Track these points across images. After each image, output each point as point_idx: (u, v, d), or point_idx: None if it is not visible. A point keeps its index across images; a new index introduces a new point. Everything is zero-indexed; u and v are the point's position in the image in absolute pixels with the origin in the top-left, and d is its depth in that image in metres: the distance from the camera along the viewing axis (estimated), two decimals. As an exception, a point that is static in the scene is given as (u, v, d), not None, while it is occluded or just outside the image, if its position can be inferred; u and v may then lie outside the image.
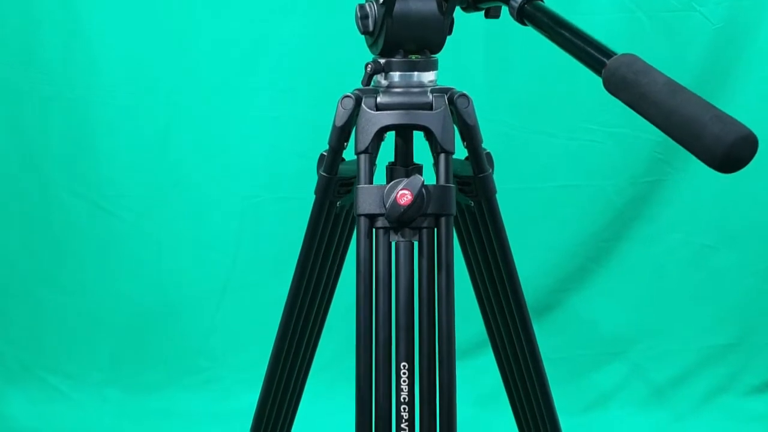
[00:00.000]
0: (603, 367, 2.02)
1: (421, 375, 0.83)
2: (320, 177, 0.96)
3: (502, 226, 0.99)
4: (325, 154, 0.96)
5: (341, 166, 0.97)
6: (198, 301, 2.01)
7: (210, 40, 1.90)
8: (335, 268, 1.12)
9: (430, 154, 0.88)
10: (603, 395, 2.01)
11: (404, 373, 0.83)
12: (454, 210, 0.85)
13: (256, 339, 1.85)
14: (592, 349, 2.03)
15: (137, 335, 2.01)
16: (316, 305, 1.13)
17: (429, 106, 0.85)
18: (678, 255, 1.99)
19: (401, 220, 0.82)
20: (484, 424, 1.93)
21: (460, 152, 0.96)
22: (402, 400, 0.82)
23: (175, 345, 2.01)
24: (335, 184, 0.96)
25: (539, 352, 1.19)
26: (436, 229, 0.84)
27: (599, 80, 0.65)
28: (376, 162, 0.91)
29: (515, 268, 1.07)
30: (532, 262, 1.90)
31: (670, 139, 0.57)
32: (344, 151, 0.95)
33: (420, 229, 0.84)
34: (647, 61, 0.63)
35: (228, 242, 1.98)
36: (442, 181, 0.85)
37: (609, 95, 0.63)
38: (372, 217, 0.84)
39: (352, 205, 1.01)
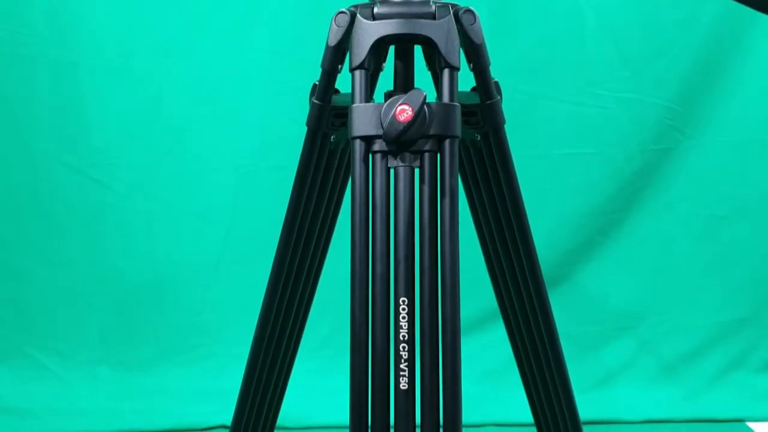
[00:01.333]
0: (611, 343, 1.95)
1: (422, 311, 0.76)
2: (312, 105, 0.88)
3: (512, 162, 0.92)
4: (317, 83, 0.89)
5: (337, 97, 0.90)
6: (191, 275, 1.93)
7: (204, 1, 1.82)
8: (329, 217, 1.05)
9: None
10: (611, 372, 1.94)
11: (404, 309, 0.76)
12: (459, 131, 0.77)
13: (251, 314, 1.73)
14: (600, 324, 1.96)
15: (128, 311, 1.94)
16: (309, 260, 1.05)
17: (432, 16, 0.77)
18: (688, 226, 1.92)
19: (401, 141, 0.74)
20: (489, 401, 1.86)
21: (464, 83, 0.89)
22: (401, 338, 0.75)
23: (167, 321, 1.94)
24: (329, 114, 0.88)
25: (553, 316, 1.12)
26: (439, 154, 0.77)
27: (608, 42, 0.57)
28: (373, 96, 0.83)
29: (526, 216, 1.00)
30: (536, 234, 1.81)
31: (680, 105, 0.52)
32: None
33: (421, 152, 0.76)
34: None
35: (222, 213, 1.91)
36: (446, 99, 0.77)
37: (618, 59, 0.56)
38: (368, 140, 0.77)
39: (348, 143, 0.94)
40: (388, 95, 0.87)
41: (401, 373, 0.75)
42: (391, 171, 0.77)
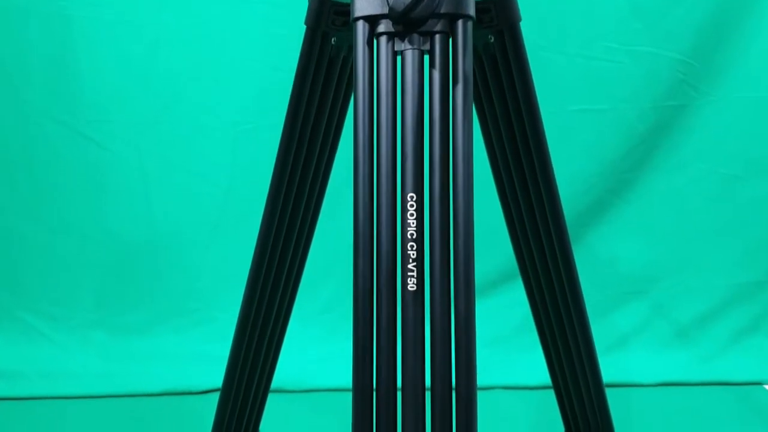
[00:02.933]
0: (623, 307, 1.89)
1: (432, 208, 0.69)
2: (311, 1, 0.82)
3: (528, 67, 0.85)
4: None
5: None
6: (188, 237, 1.87)
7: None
8: (330, 141, 0.99)
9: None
10: (623, 337, 1.87)
11: (412, 206, 0.69)
12: (473, 11, 0.71)
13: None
14: (612, 288, 1.89)
15: (123, 274, 1.88)
16: (306, 191, 0.99)
17: None
18: (703, 186, 1.85)
19: (408, 20, 0.68)
20: (496, 366, 1.80)
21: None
22: (409, 237, 0.68)
23: (163, 284, 1.88)
24: (329, 11, 0.82)
25: (575, 264, 1.06)
26: (450, 36, 0.70)
27: None
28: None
29: (544, 135, 0.93)
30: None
31: (694, 59, 0.47)
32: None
33: (431, 34, 0.70)
34: None
35: (220, 173, 1.85)
36: (458, -25, 0.71)
37: (629, 10, 0.49)
38: (372, 20, 0.70)
39: (351, 48, 0.88)
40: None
41: (409, 273, 0.68)
42: (398, 56, 0.70)
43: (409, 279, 0.68)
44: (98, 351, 1.84)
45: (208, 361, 1.79)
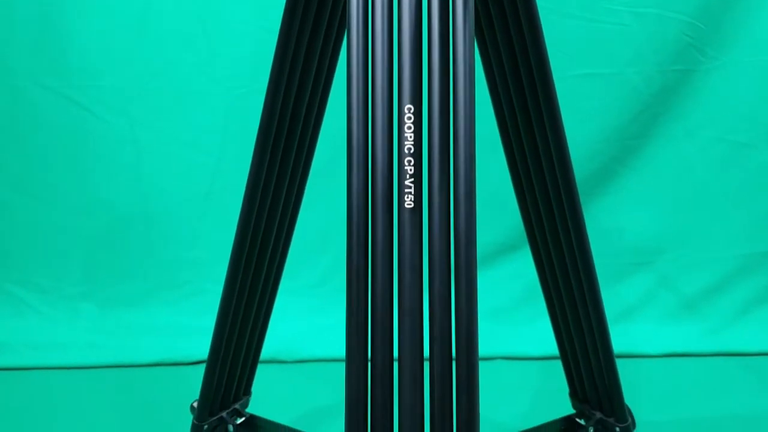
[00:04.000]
0: (628, 279, 1.83)
1: (431, 120, 0.64)
2: None
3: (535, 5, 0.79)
4: None
5: None
6: (180, 207, 1.82)
7: None
8: (320, 88, 0.93)
9: None
10: (628, 308, 1.82)
11: (409, 119, 0.64)
12: None
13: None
14: (616, 258, 1.84)
15: (113, 244, 1.83)
16: (295, 144, 0.93)
17: None
18: (710, 154, 1.79)
19: None
20: (497, 337, 1.74)
21: None
22: (406, 152, 0.63)
23: (154, 255, 1.83)
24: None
25: (585, 227, 1.01)
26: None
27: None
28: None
29: (553, 85, 0.88)
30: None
31: (702, 22, 0.44)
32: None
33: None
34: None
35: (213, 140, 1.79)
36: None
37: None
38: None
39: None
40: None
41: (406, 190, 0.63)
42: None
43: (406, 196, 0.63)
44: (87, 323, 1.80)
45: (200, 333, 1.73)
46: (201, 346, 1.70)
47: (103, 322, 1.79)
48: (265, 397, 1.29)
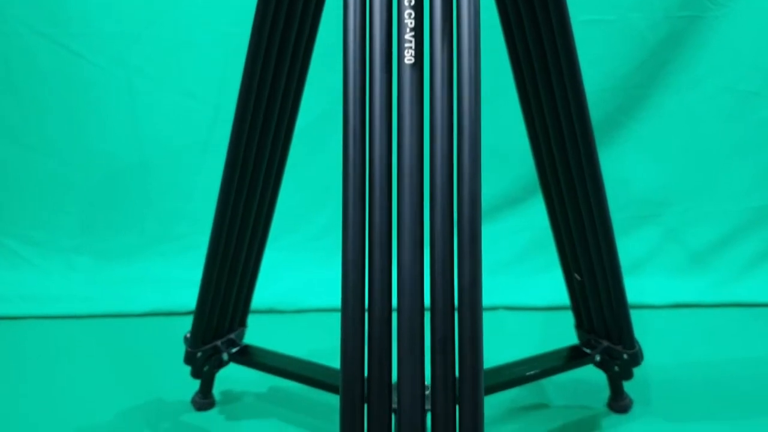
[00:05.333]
0: (634, 232, 1.79)
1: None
2: None
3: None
4: None
5: None
6: (177, 158, 1.79)
7: None
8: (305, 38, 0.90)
9: None
10: (634, 262, 1.78)
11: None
12: None
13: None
14: (622, 212, 1.79)
15: (109, 197, 1.80)
16: (280, 92, 0.91)
17: None
18: (717, 104, 1.75)
19: None
20: (500, 289, 1.71)
21: None
22: (407, 4, 0.59)
23: (151, 207, 1.80)
24: None
25: (601, 173, 0.99)
26: None
27: None
28: None
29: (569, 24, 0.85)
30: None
31: None
32: None
33: None
34: None
35: (210, 89, 1.76)
36: None
37: None
38: None
39: None
40: None
41: (406, 44, 0.59)
42: None
43: (406, 51, 0.59)
44: (82, 276, 1.77)
45: (196, 286, 1.70)
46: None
47: (99, 275, 1.76)
48: (262, 345, 1.27)
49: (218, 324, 1.16)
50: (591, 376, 1.28)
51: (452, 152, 0.60)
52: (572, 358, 1.16)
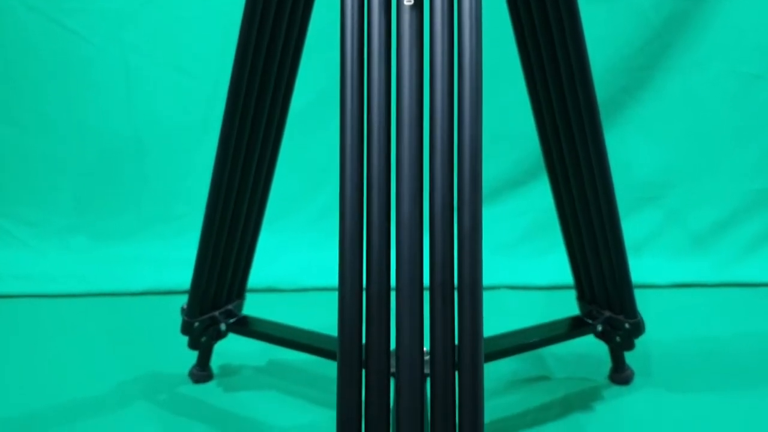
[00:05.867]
0: (635, 214, 1.77)
1: None
2: None
3: None
4: None
5: None
6: (174, 136, 1.77)
7: None
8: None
9: None
10: (635, 244, 1.76)
11: None
12: None
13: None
14: (624, 193, 1.75)
15: (105, 176, 1.78)
16: (275, 67, 0.89)
17: None
18: (721, 86, 1.74)
19: None
20: (502, 269, 1.69)
21: None
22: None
23: (147, 187, 1.79)
24: None
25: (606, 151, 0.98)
26: None
27: None
28: None
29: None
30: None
31: None
32: None
33: None
34: None
35: (208, 66, 1.74)
36: None
37: None
38: None
39: None
40: None
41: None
42: None
43: (406, -9, 0.57)
44: (78, 256, 1.74)
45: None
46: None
47: (94, 255, 1.74)
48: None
49: (216, 294, 1.14)
50: (592, 350, 1.26)
51: (453, 96, 0.58)
52: (574, 327, 1.14)
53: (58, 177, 1.77)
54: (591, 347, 1.27)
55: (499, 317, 1.50)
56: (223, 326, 1.15)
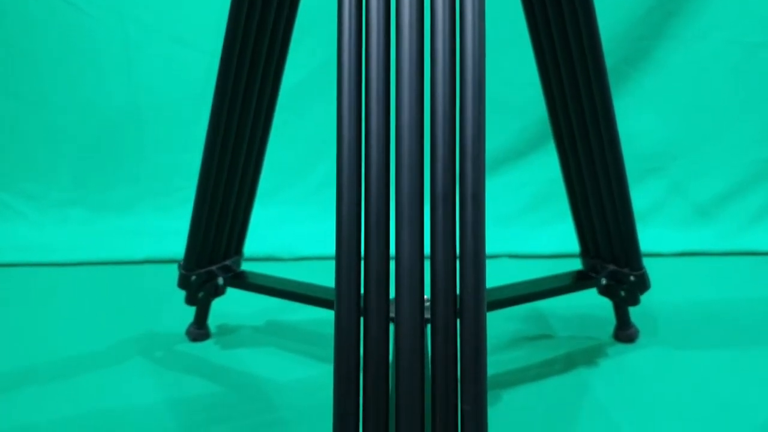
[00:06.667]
0: (638, 185, 1.75)
1: None
2: None
3: None
4: None
5: None
6: (173, 108, 1.76)
7: None
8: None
9: None
10: (639, 215, 1.72)
11: None
12: None
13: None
14: (627, 165, 1.75)
15: (104, 148, 1.77)
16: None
17: None
18: (725, 56, 1.72)
19: None
20: (503, 239, 1.67)
21: None
22: None
23: (147, 160, 1.78)
24: None
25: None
26: None
27: None
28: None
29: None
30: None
31: None
32: None
33: None
34: None
35: (207, 37, 1.72)
36: None
37: None
38: None
39: None
40: None
41: None
42: None
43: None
44: (77, 228, 1.73)
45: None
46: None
47: (93, 227, 1.73)
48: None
49: (213, 249, 1.12)
50: (596, 312, 1.25)
51: (455, 62, 0.56)
52: (577, 280, 1.12)
53: (57, 150, 1.76)
54: (595, 309, 1.25)
55: (500, 284, 1.49)
56: (221, 280, 1.14)
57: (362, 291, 0.70)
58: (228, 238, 1.14)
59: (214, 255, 1.13)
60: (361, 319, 0.72)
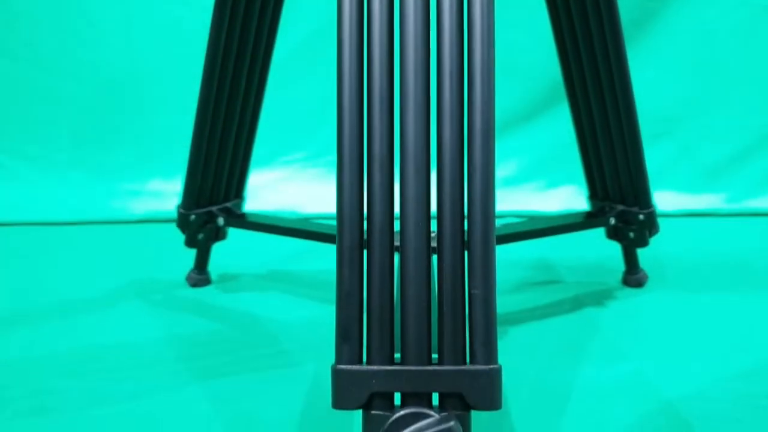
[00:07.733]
0: (647, 148, 1.72)
1: None
2: None
3: None
4: None
5: None
6: (174, 69, 1.73)
7: None
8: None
9: None
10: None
11: None
12: None
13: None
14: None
15: (104, 111, 1.75)
16: None
17: None
18: (733, 17, 1.70)
19: None
20: (507, 200, 1.65)
21: None
22: None
23: (147, 121, 1.75)
24: None
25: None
26: None
27: None
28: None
29: None
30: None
31: None
32: None
33: None
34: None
35: (208, -2, 1.70)
36: None
37: None
38: None
39: None
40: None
41: None
42: None
43: None
44: (76, 190, 1.71)
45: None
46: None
47: (93, 189, 1.71)
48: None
49: (213, 189, 1.10)
50: (605, 261, 1.23)
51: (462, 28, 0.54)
52: (586, 218, 1.10)
53: (55, 111, 1.74)
54: (603, 259, 1.23)
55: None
56: (221, 220, 1.11)
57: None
58: (228, 178, 1.11)
59: (214, 195, 1.11)
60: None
